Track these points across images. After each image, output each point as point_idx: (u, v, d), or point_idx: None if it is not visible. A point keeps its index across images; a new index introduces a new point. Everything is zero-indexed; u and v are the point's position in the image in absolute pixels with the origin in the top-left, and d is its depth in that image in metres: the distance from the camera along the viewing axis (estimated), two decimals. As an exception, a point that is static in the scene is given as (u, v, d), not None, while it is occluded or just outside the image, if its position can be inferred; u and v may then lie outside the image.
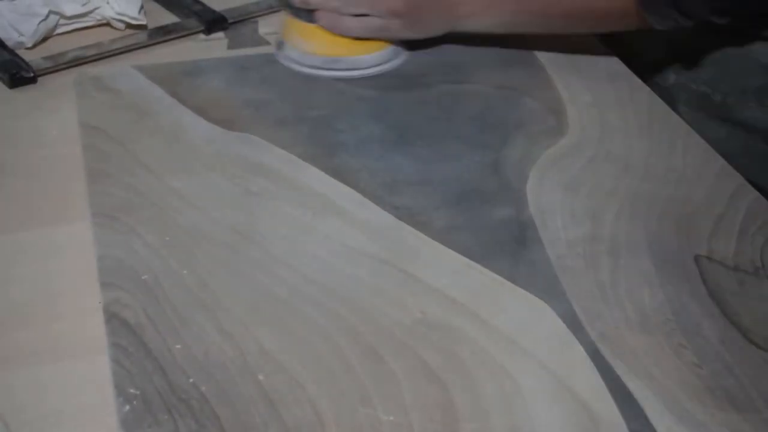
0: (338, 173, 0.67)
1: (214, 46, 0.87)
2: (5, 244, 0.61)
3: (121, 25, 0.88)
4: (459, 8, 0.78)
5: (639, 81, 0.81)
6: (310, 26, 0.79)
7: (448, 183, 0.67)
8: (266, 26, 0.91)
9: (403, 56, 0.82)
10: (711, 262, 0.60)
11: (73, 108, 0.74)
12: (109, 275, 0.56)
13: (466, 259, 0.59)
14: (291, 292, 0.56)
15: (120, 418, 0.47)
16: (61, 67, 0.81)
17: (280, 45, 0.83)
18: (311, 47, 0.80)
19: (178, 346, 0.52)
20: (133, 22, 0.87)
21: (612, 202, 0.65)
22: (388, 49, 0.81)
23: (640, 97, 0.79)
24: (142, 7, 0.87)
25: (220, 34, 0.89)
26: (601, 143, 0.72)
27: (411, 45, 0.83)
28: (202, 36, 0.89)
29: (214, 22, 0.89)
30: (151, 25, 0.88)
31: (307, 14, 0.79)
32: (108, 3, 0.86)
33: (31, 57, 0.81)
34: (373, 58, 0.80)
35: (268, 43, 0.88)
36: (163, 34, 0.87)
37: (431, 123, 0.74)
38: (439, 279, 0.58)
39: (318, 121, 0.73)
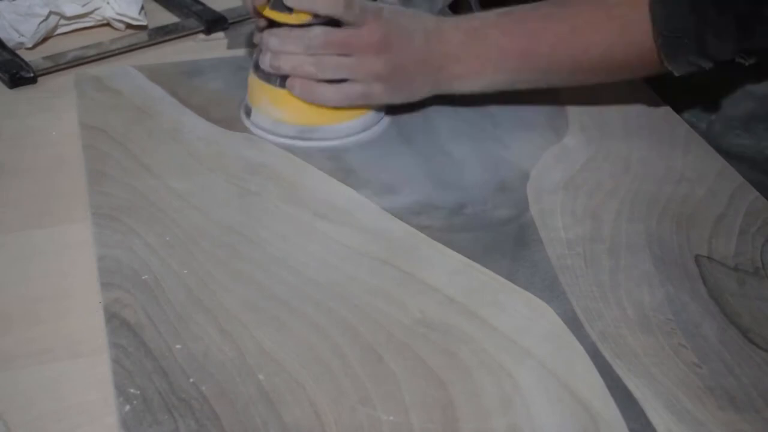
0: (338, 173, 0.67)
1: (214, 46, 0.87)
2: (5, 244, 0.61)
3: (122, 26, 0.88)
4: (448, 69, 0.69)
5: (639, 81, 0.81)
6: (282, 92, 0.69)
7: (449, 183, 0.67)
8: (266, 26, 0.91)
9: (385, 120, 0.73)
10: (711, 262, 0.60)
11: (73, 108, 0.74)
12: (109, 275, 0.57)
13: (466, 259, 0.59)
14: (291, 292, 0.56)
15: (120, 418, 0.47)
16: (61, 67, 0.81)
17: (247, 111, 0.72)
18: (283, 115, 0.70)
19: (178, 346, 0.52)
20: (134, 22, 0.87)
21: (612, 202, 0.66)
22: (368, 114, 0.71)
23: (640, 97, 0.79)
24: (142, 8, 0.87)
25: (220, 34, 0.89)
26: (601, 143, 0.72)
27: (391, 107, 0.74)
28: (202, 36, 0.89)
29: (214, 22, 0.89)
30: (151, 25, 0.88)
31: (279, 79, 0.69)
32: (108, 3, 0.86)
33: (31, 57, 0.81)
34: (353, 125, 0.71)
35: (268, 43, 0.88)
36: (163, 34, 0.87)
37: (432, 123, 0.74)
38: (439, 279, 0.58)
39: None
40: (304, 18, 0.67)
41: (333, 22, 0.67)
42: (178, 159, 0.68)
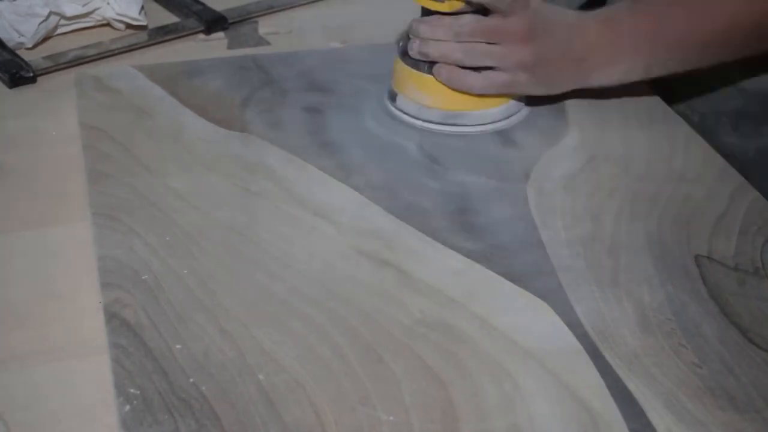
0: (338, 173, 0.67)
1: (214, 46, 0.87)
2: (5, 243, 0.61)
3: (122, 26, 0.88)
4: (588, 61, 0.71)
5: (640, 81, 0.81)
6: (429, 78, 0.71)
7: (449, 183, 0.67)
8: (266, 26, 0.91)
9: (525, 109, 0.75)
10: (711, 262, 0.60)
11: (73, 108, 0.74)
12: (109, 275, 0.57)
13: (466, 259, 0.59)
14: (291, 292, 0.56)
15: (120, 418, 0.47)
16: (61, 67, 0.81)
17: (392, 96, 0.74)
18: (430, 101, 0.72)
19: (178, 346, 0.52)
20: (134, 22, 0.87)
21: (612, 202, 0.65)
22: (510, 103, 0.73)
23: (640, 97, 0.79)
24: (142, 8, 0.87)
25: (220, 34, 0.89)
26: (601, 143, 0.72)
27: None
28: (202, 36, 0.89)
29: (214, 22, 0.89)
30: (151, 25, 0.88)
31: (426, 66, 0.71)
32: (108, 3, 0.86)
33: (31, 57, 0.81)
34: (498, 111, 0.73)
35: (268, 43, 0.88)
36: (163, 34, 0.87)
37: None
38: (439, 279, 0.58)
39: (318, 121, 0.73)
40: (456, 6, 0.69)
41: (482, 11, 0.69)
42: (178, 159, 0.68)
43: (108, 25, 0.88)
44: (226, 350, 0.52)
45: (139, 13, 0.87)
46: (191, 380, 0.50)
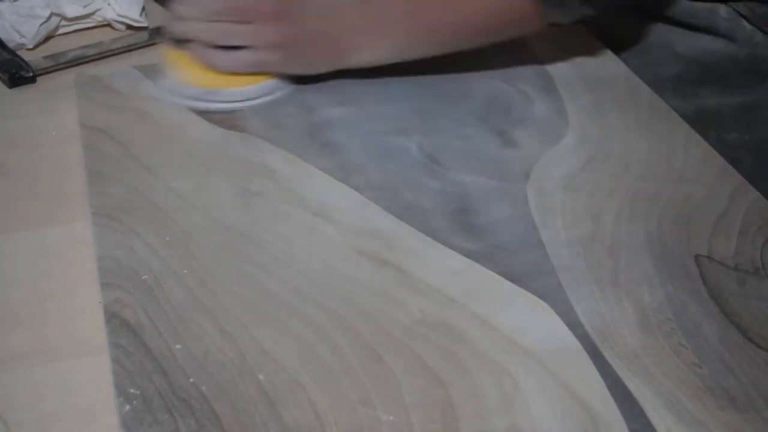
0: (338, 173, 0.67)
1: (215, 46, 0.87)
2: (5, 243, 0.61)
3: (122, 27, 0.88)
4: (345, 41, 0.72)
5: (639, 80, 0.81)
6: (184, 55, 0.74)
7: (449, 183, 0.67)
8: (266, 26, 0.91)
9: (291, 86, 0.76)
10: (711, 262, 0.60)
11: (73, 108, 0.74)
12: (109, 275, 0.57)
13: (466, 259, 0.59)
14: (291, 292, 0.56)
15: (120, 418, 0.47)
16: (61, 67, 0.81)
17: (160, 75, 0.77)
18: (187, 77, 0.74)
19: (178, 346, 0.52)
20: (135, 24, 0.87)
21: (612, 202, 0.66)
22: (269, 81, 0.75)
23: (640, 97, 0.79)
24: (143, 9, 0.87)
25: (221, 35, 0.89)
26: (601, 143, 0.72)
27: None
28: (202, 36, 0.89)
29: (215, 23, 0.89)
30: (151, 26, 0.88)
31: (183, 44, 0.74)
32: (109, 5, 0.86)
33: (30, 56, 0.81)
34: (255, 89, 0.74)
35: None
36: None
37: (433, 122, 0.74)
38: (439, 279, 0.58)
39: (318, 121, 0.73)
40: None
41: None
42: (178, 159, 0.68)
43: (108, 25, 0.88)
44: (226, 350, 0.52)
45: (140, 14, 0.87)
46: (191, 380, 0.50)
